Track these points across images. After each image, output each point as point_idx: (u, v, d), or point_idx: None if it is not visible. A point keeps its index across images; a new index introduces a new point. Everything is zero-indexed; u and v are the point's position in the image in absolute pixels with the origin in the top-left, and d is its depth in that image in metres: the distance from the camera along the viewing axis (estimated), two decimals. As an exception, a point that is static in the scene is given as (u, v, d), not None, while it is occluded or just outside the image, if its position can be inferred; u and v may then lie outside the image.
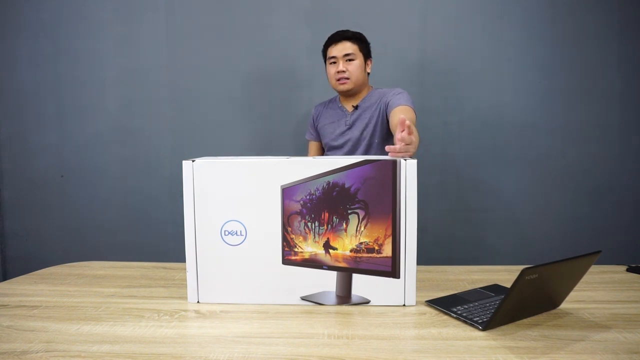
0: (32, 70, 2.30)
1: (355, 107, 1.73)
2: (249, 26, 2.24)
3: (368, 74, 1.76)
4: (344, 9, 2.19)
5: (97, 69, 2.29)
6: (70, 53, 2.29)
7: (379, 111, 1.69)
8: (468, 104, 2.22)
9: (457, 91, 2.21)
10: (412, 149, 1.10)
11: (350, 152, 1.73)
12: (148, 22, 2.26)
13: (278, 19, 2.25)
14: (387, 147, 1.10)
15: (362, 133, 1.71)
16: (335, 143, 1.77)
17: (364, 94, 1.76)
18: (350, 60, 1.67)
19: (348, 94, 1.74)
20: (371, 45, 1.77)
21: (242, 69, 2.26)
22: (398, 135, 1.09)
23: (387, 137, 1.71)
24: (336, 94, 1.82)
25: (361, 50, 1.70)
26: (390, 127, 1.61)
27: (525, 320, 0.94)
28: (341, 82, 1.68)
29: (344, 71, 1.67)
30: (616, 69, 2.17)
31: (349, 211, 1.01)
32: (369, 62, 1.75)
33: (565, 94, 2.19)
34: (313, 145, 1.93)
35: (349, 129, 1.74)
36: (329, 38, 1.72)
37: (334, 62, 1.69)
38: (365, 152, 1.71)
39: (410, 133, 1.09)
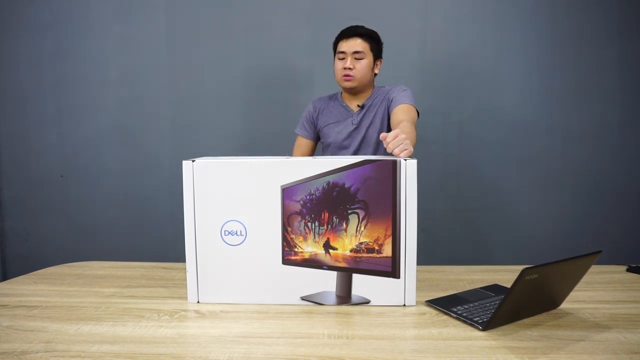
0: (32, 70, 2.30)
1: (361, 107, 1.69)
2: (249, 26, 2.24)
3: (375, 74, 1.71)
4: (343, 9, 2.19)
5: (97, 69, 2.29)
6: (70, 53, 2.29)
7: (384, 109, 1.67)
8: (468, 104, 2.22)
9: (457, 91, 2.21)
10: (409, 145, 1.11)
11: (357, 152, 1.70)
12: (148, 22, 2.26)
13: (278, 19, 2.25)
14: (382, 135, 1.14)
15: (369, 132, 1.68)
16: (345, 143, 1.71)
17: (368, 93, 1.72)
18: (358, 58, 1.63)
19: (352, 92, 1.70)
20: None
21: (242, 69, 2.26)
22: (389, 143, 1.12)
23: None
24: (338, 89, 1.78)
25: (372, 49, 1.65)
26: (391, 124, 1.61)
27: (525, 320, 0.94)
28: (346, 78, 1.64)
29: (350, 68, 1.62)
30: (616, 69, 2.17)
31: (349, 211, 1.01)
32: (378, 63, 1.70)
33: (565, 94, 2.19)
34: (304, 143, 1.81)
35: (356, 128, 1.69)
36: (342, 32, 1.67)
37: (342, 58, 1.64)
38: (375, 152, 1.69)
39: (397, 136, 1.11)
